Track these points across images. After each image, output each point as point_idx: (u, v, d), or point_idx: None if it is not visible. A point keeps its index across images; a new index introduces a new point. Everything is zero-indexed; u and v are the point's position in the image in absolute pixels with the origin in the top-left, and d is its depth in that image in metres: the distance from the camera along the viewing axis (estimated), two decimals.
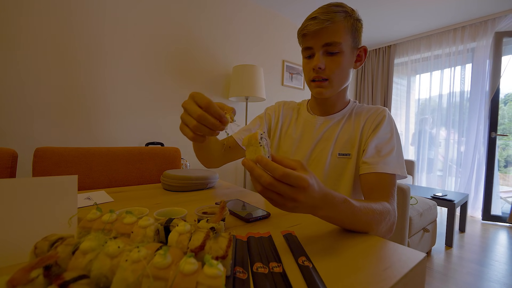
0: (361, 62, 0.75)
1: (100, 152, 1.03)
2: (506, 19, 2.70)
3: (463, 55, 3.04)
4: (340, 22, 0.66)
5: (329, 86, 0.71)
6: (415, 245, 1.75)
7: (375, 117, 0.73)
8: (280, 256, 0.39)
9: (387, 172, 0.64)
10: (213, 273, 0.24)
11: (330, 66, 0.68)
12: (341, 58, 0.68)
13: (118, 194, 0.78)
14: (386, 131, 0.71)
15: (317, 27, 0.65)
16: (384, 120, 0.71)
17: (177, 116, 2.19)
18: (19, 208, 0.39)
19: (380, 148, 0.68)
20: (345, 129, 0.77)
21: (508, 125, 3.06)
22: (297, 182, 0.36)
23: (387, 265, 0.37)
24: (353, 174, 0.73)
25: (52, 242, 0.29)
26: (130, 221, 0.36)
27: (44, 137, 1.61)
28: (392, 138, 0.70)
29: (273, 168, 0.36)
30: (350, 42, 0.69)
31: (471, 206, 2.90)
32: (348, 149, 0.74)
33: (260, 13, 2.74)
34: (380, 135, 0.70)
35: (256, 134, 0.42)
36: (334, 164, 0.75)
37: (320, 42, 0.67)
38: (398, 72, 3.71)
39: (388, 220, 0.56)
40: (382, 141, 0.69)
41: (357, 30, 0.70)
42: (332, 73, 0.69)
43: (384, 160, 0.65)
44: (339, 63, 0.69)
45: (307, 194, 0.38)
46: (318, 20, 0.65)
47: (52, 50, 1.61)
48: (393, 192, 0.63)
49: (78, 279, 0.24)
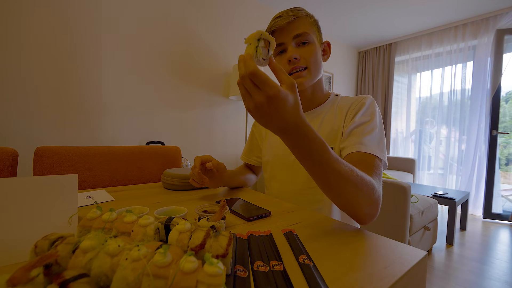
0: (327, 56, 0.78)
1: (100, 151, 1.03)
2: (507, 16, 2.68)
3: (464, 52, 3.03)
4: (304, 17, 0.72)
5: (308, 74, 0.71)
6: (416, 243, 1.75)
7: (356, 104, 0.72)
8: (281, 254, 0.38)
9: (366, 152, 0.60)
10: (214, 271, 0.24)
11: (304, 55, 0.70)
12: (312, 46, 0.71)
13: (118, 193, 0.78)
14: (366, 115, 0.69)
15: (285, 21, 0.69)
16: (364, 106, 0.70)
17: (177, 115, 2.19)
18: (20, 207, 0.39)
19: (357, 131, 0.65)
20: (326, 122, 0.75)
21: (509, 123, 3.05)
22: (263, 86, 0.38)
23: (388, 264, 0.37)
24: None
25: (52, 241, 0.29)
26: (130, 220, 0.36)
27: (44, 137, 1.61)
28: (372, 121, 0.67)
29: (247, 65, 0.38)
30: (316, 35, 0.73)
31: (472, 204, 2.89)
32: (331, 142, 0.73)
33: (260, 11, 2.73)
34: (357, 119, 0.68)
35: (255, 33, 0.43)
36: None
37: (290, 35, 0.70)
38: (399, 70, 3.70)
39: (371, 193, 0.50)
40: (360, 123, 0.67)
41: (319, 27, 0.75)
42: (307, 60, 0.71)
43: (361, 140, 0.62)
44: (311, 51, 0.71)
45: (272, 104, 0.39)
46: (284, 17, 0.69)
47: (53, 49, 1.60)
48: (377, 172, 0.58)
49: (78, 277, 0.23)
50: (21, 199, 0.39)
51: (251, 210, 0.59)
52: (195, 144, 2.32)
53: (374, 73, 3.86)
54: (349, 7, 2.78)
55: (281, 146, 0.82)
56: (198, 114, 2.32)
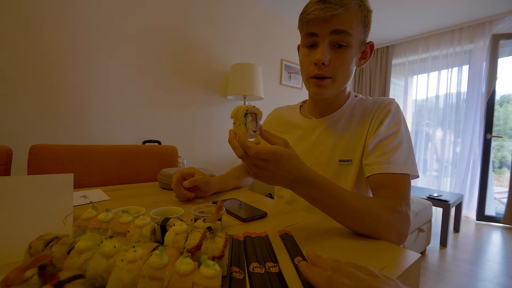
0: (365, 60, 0.66)
1: (96, 150, 1.02)
2: (503, 21, 2.72)
3: (460, 56, 3.06)
4: (354, 10, 0.56)
5: (331, 85, 0.62)
6: (410, 244, 1.77)
7: (380, 112, 0.64)
8: (277, 255, 0.39)
9: (395, 172, 0.54)
10: (210, 273, 0.24)
11: (335, 62, 0.59)
12: (348, 53, 0.59)
13: (114, 192, 0.77)
14: (391, 125, 0.61)
15: (327, 13, 0.55)
16: (389, 114, 0.62)
17: (174, 114, 2.18)
18: (14, 207, 0.38)
19: (383, 145, 0.59)
20: (345, 131, 0.68)
21: (503, 126, 3.09)
22: (268, 156, 0.40)
23: (382, 265, 0.38)
24: (353, 182, 0.65)
25: (47, 241, 0.29)
26: (126, 220, 0.36)
27: (39, 134, 1.59)
28: (399, 132, 0.60)
29: (246, 147, 0.40)
30: (360, 35, 0.60)
31: (466, 206, 2.93)
32: (349, 154, 0.66)
33: (259, 11, 2.73)
34: (382, 131, 0.61)
35: (241, 109, 0.44)
36: (335, 172, 0.67)
37: (328, 29, 0.57)
38: (396, 73, 3.73)
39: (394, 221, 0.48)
40: (385, 136, 0.60)
41: (369, 23, 0.61)
42: (336, 70, 0.60)
43: (389, 159, 0.56)
44: (345, 59, 0.60)
45: (280, 166, 0.41)
46: (328, 4, 0.55)
47: (48, 47, 1.59)
48: (404, 193, 0.53)
49: (74, 278, 0.23)
50: (15, 199, 0.39)
51: (248, 211, 0.59)
52: (192, 143, 2.31)
53: (372, 74, 3.89)
54: None
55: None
56: (196, 113, 2.32)
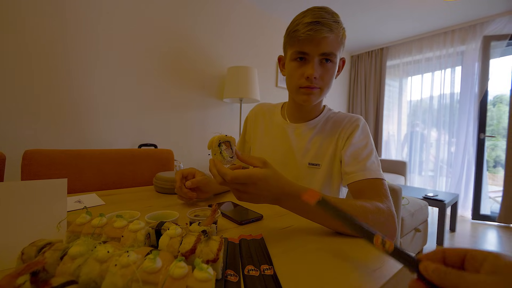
0: (339, 72, 0.76)
1: (91, 154, 1.02)
2: (493, 23, 2.77)
3: (453, 58, 3.11)
4: (337, 32, 0.65)
5: (318, 94, 0.71)
6: (407, 244, 1.77)
7: (349, 126, 0.74)
8: (272, 258, 0.39)
9: (372, 178, 0.63)
10: (203, 277, 0.24)
11: (323, 75, 0.68)
12: (333, 68, 0.69)
13: (109, 197, 0.77)
14: (361, 138, 0.72)
15: (319, 35, 0.62)
16: (358, 128, 0.72)
17: (170, 117, 2.18)
18: (7, 213, 0.38)
19: (356, 155, 0.68)
20: (317, 138, 0.77)
21: (496, 126, 3.14)
22: (245, 180, 0.43)
23: (378, 266, 0.38)
24: (321, 184, 0.74)
25: (40, 247, 0.29)
26: (120, 225, 0.36)
27: (33, 139, 1.58)
28: (368, 144, 0.71)
29: (222, 174, 0.43)
30: (339, 53, 0.70)
31: (461, 206, 2.95)
32: (318, 159, 0.75)
33: (255, 14, 2.74)
34: (354, 142, 0.71)
35: (214, 140, 0.48)
36: (304, 174, 0.76)
37: (319, 51, 0.65)
38: (390, 74, 3.77)
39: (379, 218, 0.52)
40: (358, 147, 0.70)
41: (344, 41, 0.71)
42: (324, 82, 0.69)
43: (364, 166, 0.65)
44: (331, 73, 0.69)
45: (259, 187, 0.44)
46: (320, 27, 0.62)
47: (43, 50, 1.58)
48: (385, 193, 0.61)
49: (66, 284, 0.23)
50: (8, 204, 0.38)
51: (243, 214, 0.59)
52: (188, 147, 2.30)
53: (366, 76, 3.92)
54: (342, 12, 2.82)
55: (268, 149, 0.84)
56: (192, 116, 2.32)
